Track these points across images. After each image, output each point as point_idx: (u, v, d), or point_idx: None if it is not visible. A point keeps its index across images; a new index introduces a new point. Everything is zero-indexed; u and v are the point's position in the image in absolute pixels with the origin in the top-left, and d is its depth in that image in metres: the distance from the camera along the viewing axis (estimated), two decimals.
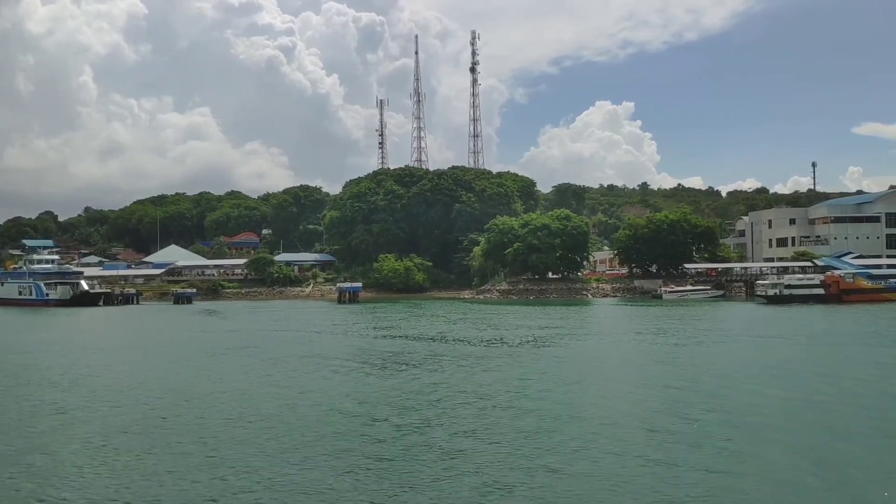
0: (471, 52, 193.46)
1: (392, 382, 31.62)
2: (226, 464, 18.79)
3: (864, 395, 27.80)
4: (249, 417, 24.47)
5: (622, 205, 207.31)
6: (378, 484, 17.07)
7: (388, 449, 20.09)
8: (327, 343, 49.64)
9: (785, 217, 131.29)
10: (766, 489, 16.55)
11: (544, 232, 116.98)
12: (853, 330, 54.86)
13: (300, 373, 34.99)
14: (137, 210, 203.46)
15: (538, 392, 28.62)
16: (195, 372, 35.70)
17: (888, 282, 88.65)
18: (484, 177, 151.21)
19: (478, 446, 20.23)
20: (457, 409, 25.49)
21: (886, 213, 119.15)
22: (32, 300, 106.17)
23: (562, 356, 40.30)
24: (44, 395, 29.17)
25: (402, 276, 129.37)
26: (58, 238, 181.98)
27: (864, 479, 17.29)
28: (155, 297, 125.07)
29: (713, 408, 25.01)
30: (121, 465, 18.90)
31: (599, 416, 24.07)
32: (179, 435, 22.04)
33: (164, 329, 65.57)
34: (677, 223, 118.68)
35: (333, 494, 16.43)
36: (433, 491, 16.59)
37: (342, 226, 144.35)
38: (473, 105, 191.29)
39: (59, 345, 50.69)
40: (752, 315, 72.39)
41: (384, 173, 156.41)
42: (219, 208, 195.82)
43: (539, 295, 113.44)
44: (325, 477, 17.62)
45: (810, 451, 19.49)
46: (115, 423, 23.80)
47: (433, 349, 44.10)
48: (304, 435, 21.70)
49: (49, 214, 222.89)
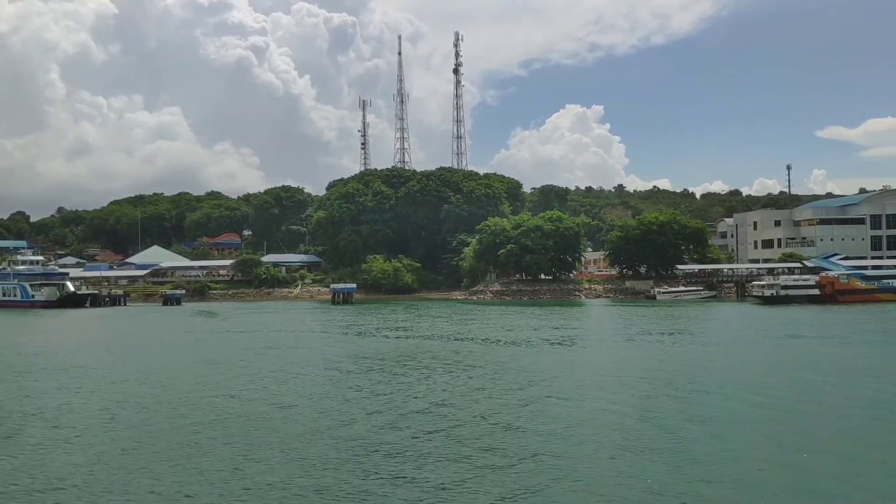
0: (454, 54, 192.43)
1: (474, 383, 31.44)
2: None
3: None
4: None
5: (603, 206, 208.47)
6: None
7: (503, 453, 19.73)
8: (359, 343, 48.91)
9: (770, 219, 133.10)
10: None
11: (537, 233, 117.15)
12: (874, 328, 55.77)
13: (367, 374, 34.54)
14: (115, 210, 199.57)
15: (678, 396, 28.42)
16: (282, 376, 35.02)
17: (881, 282, 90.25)
18: (472, 178, 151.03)
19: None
20: (550, 408, 25.22)
21: (871, 214, 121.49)
22: (17, 301, 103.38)
23: (615, 358, 40.20)
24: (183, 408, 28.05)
25: (391, 277, 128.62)
26: (31, 239, 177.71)
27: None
28: (140, 299, 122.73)
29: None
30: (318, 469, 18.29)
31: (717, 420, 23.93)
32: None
33: (177, 331, 63.86)
34: (667, 224, 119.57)
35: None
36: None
37: (329, 226, 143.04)
38: (457, 106, 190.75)
39: (79, 348, 49.32)
40: (758, 315, 72.99)
41: (371, 174, 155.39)
42: (199, 209, 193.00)
43: (532, 296, 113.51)
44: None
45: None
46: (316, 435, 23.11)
47: (468, 349, 43.81)
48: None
49: (21, 215, 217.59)
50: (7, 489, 17.13)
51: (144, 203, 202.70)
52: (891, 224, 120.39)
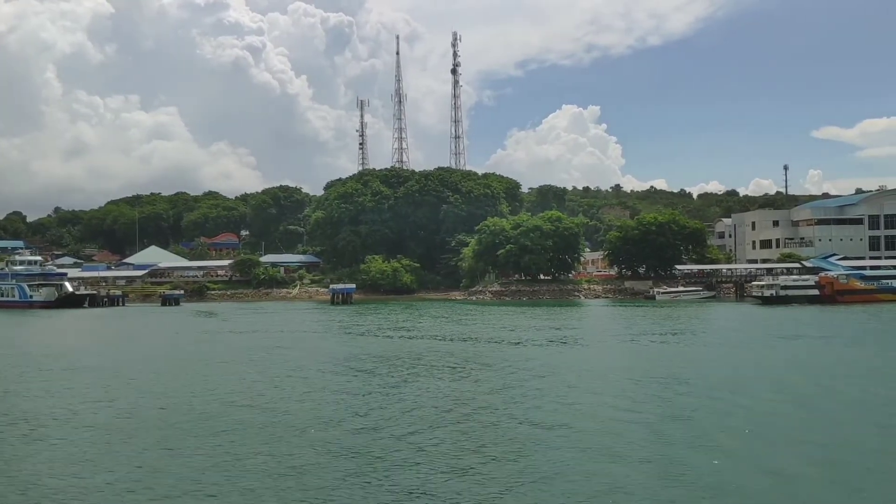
0: (452, 54, 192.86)
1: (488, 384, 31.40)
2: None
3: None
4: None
5: (601, 206, 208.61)
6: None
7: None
8: (365, 344, 48.76)
9: (768, 219, 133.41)
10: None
11: (536, 233, 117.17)
12: (875, 328, 55.95)
13: (391, 373, 34.58)
14: (112, 210, 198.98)
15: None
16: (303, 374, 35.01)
17: (881, 283, 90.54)
18: (470, 178, 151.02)
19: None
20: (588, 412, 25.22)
21: (869, 215, 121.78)
22: (15, 302, 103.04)
23: (626, 358, 40.22)
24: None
25: (389, 277, 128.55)
26: (28, 239, 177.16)
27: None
28: (139, 299, 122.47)
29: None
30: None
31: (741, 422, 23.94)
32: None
33: (178, 331, 63.77)
34: (666, 225, 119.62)
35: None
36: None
37: (328, 226, 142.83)
38: (455, 106, 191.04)
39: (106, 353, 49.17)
40: (759, 315, 73.13)
41: (370, 174, 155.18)
42: (196, 209, 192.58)
43: (531, 296, 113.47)
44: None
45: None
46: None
47: (475, 350, 43.83)
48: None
49: (18, 215, 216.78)
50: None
51: (141, 203, 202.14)
52: (889, 224, 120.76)
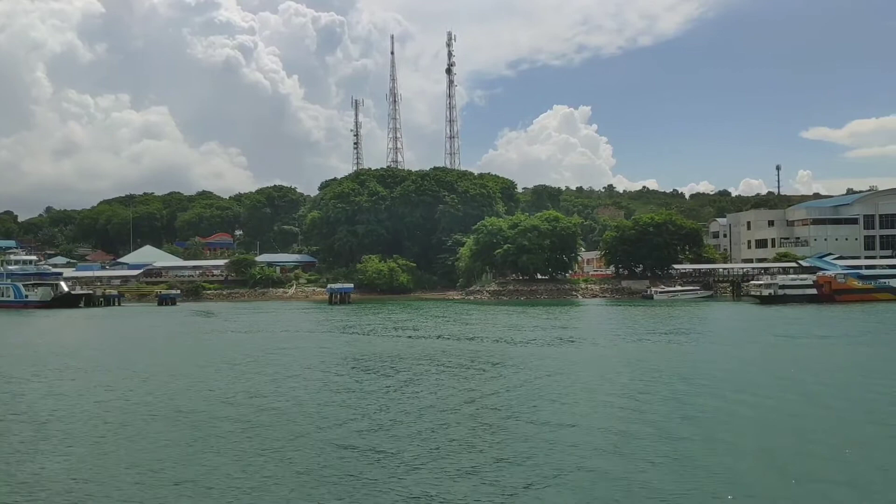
0: (447, 54, 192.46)
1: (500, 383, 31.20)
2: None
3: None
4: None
5: (596, 206, 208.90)
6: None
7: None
8: (368, 343, 48.75)
9: (764, 219, 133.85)
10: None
11: (534, 233, 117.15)
12: (876, 328, 56.17)
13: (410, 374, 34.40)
14: (105, 210, 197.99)
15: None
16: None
17: (878, 282, 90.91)
18: (466, 178, 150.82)
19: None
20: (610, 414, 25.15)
21: (864, 214, 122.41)
22: (11, 302, 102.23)
23: (635, 358, 40.21)
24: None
25: (386, 277, 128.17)
26: (20, 238, 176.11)
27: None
28: (134, 299, 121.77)
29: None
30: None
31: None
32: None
33: (180, 332, 63.44)
34: (663, 225, 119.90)
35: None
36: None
37: (324, 226, 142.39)
38: (450, 106, 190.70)
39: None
40: (759, 315, 73.32)
41: (366, 174, 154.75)
42: (190, 208, 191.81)
43: (529, 296, 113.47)
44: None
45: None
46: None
47: (483, 349, 43.77)
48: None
49: (9, 214, 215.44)
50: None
51: (135, 203, 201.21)
52: (884, 224, 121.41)
